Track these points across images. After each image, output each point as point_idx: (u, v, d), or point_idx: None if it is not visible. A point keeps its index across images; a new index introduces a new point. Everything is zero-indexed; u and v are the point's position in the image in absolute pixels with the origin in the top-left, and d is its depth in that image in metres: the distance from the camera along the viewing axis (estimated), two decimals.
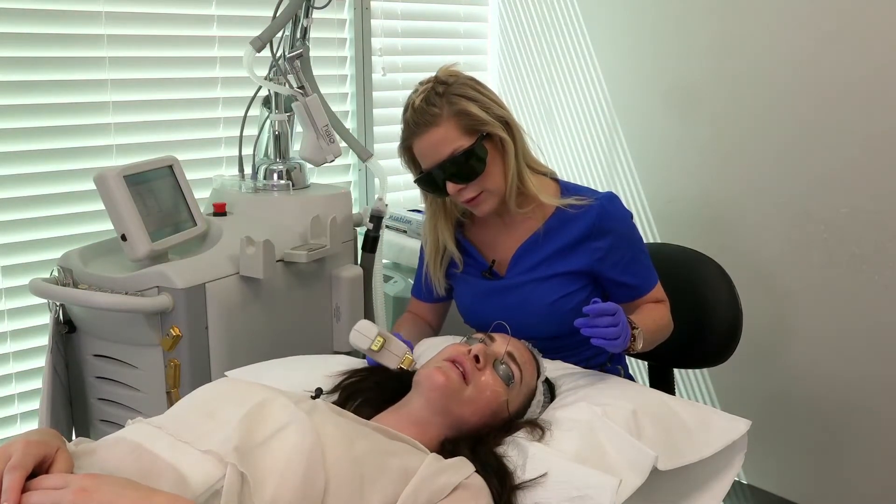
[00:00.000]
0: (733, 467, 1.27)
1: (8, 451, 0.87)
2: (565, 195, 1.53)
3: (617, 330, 1.30)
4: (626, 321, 1.34)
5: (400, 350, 1.33)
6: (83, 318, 1.67)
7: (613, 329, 1.30)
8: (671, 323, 1.56)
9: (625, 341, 1.33)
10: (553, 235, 1.53)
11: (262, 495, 0.92)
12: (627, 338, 1.34)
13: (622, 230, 1.53)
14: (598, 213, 1.50)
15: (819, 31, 1.99)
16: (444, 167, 1.44)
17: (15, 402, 1.99)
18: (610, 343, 1.30)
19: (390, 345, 1.33)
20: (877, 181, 1.94)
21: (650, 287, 1.55)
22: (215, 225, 1.78)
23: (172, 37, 2.13)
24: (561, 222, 1.52)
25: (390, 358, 1.33)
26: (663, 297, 1.58)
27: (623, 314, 1.33)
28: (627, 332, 1.34)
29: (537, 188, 1.50)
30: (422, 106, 1.43)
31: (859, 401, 2.04)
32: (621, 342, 1.32)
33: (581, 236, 1.51)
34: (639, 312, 1.50)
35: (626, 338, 1.34)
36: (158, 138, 2.13)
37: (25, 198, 1.94)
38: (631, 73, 2.45)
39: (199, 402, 1.12)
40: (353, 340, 1.34)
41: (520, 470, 1.12)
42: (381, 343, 1.32)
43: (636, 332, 1.38)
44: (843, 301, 2.04)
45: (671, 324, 1.56)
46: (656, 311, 1.53)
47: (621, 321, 1.31)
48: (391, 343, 1.34)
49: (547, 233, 1.53)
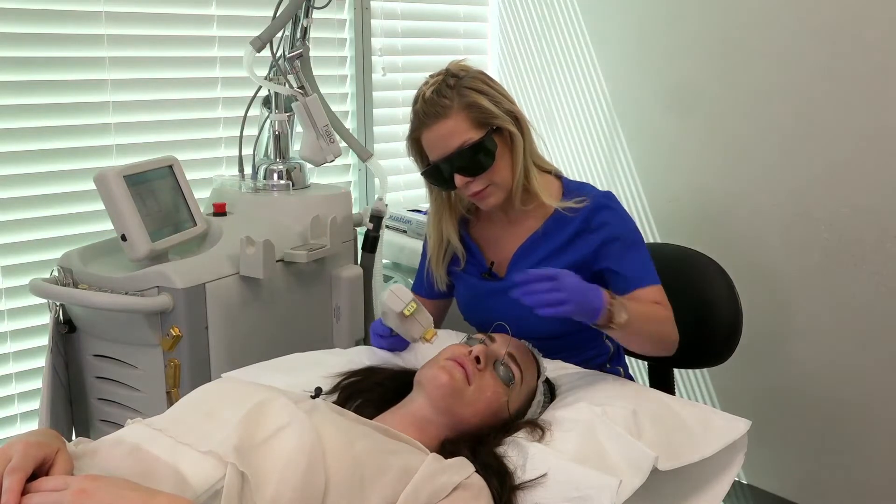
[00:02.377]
0: (733, 467, 1.27)
1: (8, 452, 0.87)
2: (567, 195, 1.53)
3: (562, 295, 1.23)
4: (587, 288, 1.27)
5: (426, 321, 1.33)
6: (83, 318, 1.67)
7: (557, 294, 1.23)
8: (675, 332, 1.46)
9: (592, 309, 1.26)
10: (551, 236, 1.53)
11: (263, 495, 0.92)
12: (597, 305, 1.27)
13: (615, 223, 1.50)
14: (591, 208, 1.50)
15: (819, 30, 1.99)
16: (453, 159, 1.43)
17: (15, 402, 1.98)
18: (559, 309, 1.22)
19: (420, 314, 1.33)
20: (877, 180, 1.94)
21: (646, 281, 1.48)
22: (215, 225, 1.78)
23: (172, 37, 2.12)
24: (558, 222, 1.52)
25: (415, 327, 1.31)
26: (665, 302, 1.49)
27: (573, 278, 1.26)
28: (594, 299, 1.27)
29: (541, 186, 1.50)
30: (432, 97, 1.43)
31: (859, 401, 2.04)
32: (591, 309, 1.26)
33: (575, 232, 1.50)
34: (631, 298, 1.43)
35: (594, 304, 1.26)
36: (158, 138, 2.13)
37: (25, 198, 1.94)
38: (631, 73, 2.45)
39: (199, 403, 1.12)
40: (387, 301, 1.32)
41: (520, 470, 1.12)
42: (413, 308, 1.32)
43: (615, 301, 1.30)
44: (843, 301, 2.03)
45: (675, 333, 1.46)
46: (652, 306, 1.45)
47: (567, 286, 1.24)
48: (421, 312, 1.33)
49: (545, 234, 1.53)
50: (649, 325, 1.40)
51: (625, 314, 1.31)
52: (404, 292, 1.33)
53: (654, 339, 1.43)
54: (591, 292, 1.28)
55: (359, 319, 1.91)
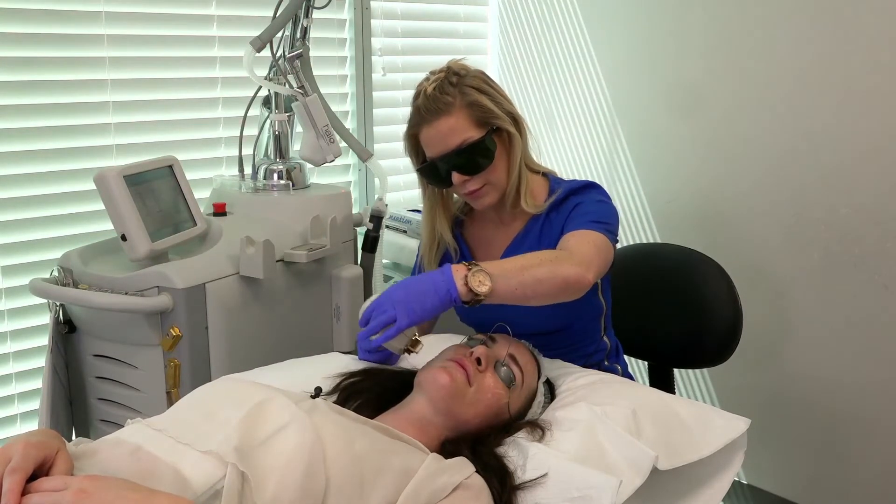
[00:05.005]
0: (733, 466, 1.27)
1: (8, 452, 0.87)
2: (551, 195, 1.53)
3: (387, 316, 1.19)
4: (418, 281, 1.21)
5: (411, 331, 1.29)
6: (83, 318, 1.66)
7: (382, 317, 1.20)
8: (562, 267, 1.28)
9: (438, 296, 1.19)
10: (530, 234, 1.53)
11: (263, 495, 0.92)
12: (441, 289, 1.19)
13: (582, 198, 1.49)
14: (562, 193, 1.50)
15: (819, 30, 1.99)
16: (452, 158, 1.43)
17: (15, 402, 1.99)
18: (393, 329, 1.19)
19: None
20: (877, 181, 1.94)
21: (572, 228, 1.42)
22: (215, 225, 1.78)
23: (172, 37, 2.13)
24: (536, 221, 1.53)
25: (400, 338, 1.28)
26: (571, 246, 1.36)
27: (397, 288, 1.21)
28: (431, 285, 1.19)
29: (527, 189, 1.51)
30: (434, 93, 1.43)
31: (859, 401, 2.04)
32: (436, 297, 1.19)
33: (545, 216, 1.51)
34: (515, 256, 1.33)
35: (437, 289, 1.19)
36: (158, 138, 2.13)
37: (25, 198, 1.94)
38: (631, 73, 2.45)
39: (199, 403, 1.11)
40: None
41: (520, 470, 1.12)
42: None
43: (470, 272, 1.20)
44: (843, 301, 2.03)
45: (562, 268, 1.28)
46: (538, 253, 1.34)
47: (390, 298, 1.20)
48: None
49: (526, 234, 1.54)
50: (529, 274, 1.26)
51: (487, 283, 1.21)
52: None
53: (533, 285, 1.26)
54: (423, 284, 1.21)
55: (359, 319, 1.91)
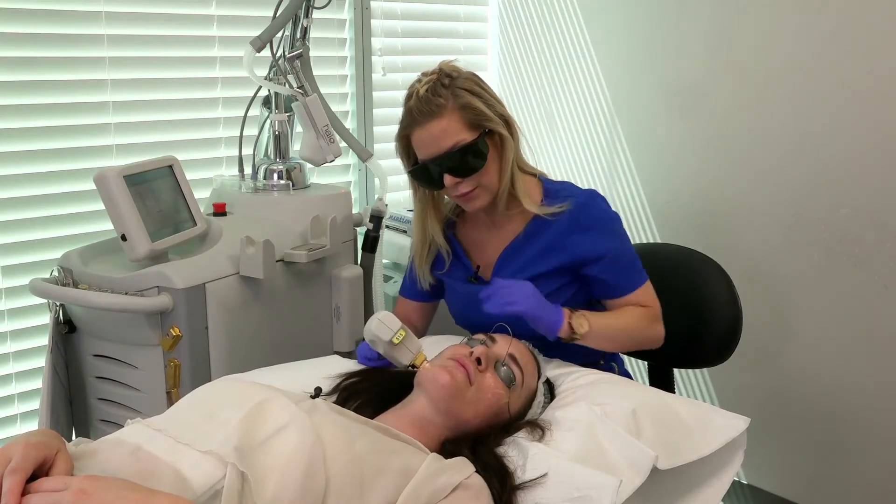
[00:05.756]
0: (733, 465, 1.27)
1: (8, 453, 0.87)
2: (548, 198, 1.53)
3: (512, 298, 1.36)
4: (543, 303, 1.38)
5: (415, 347, 1.28)
6: (83, 318, 1.67)
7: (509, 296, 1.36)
8: (653, 329, 1.52)
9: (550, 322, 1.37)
10: (533, 240, 1.53)
11: (263, 495, 0.92)
12: (555, 318, 1.37)
13: (602, 225, 1.51)
14: (575, 209, 1.49)
15: (819, 30, 1.99)
16: (444, 160, 1.43)
17: (15, 402, 1.99)
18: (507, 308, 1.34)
19: (409, 341, 1.28)
20: (877, 181, 1.94)
21: (632, 288, 1.51)
22: (215, 225, 1.78)
23: (172, 37, 2.13)
24: (540, 226, 1.52)
25: (404, 354, 1.27)
26: (649, 303, 1.53)
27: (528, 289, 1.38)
28: (551, 313, 1.37)
29: (524, 190, 1.50)
30: (427, 95, 1.42)
31: (859, 401, 2.04)
32: (549, 322, 1.37)
33: (560, 234, 1.50)
34: (612, 312, 1.50)
35: (553, 318, 1.37)
36: (158, 138, 2.13)
37: (25, 198, 1.94)
38: (631, 73, 2.45)
39: (199, 403, 1.12)
40: (374, 329, 1.27)
41: (520, 470, 1.12)
42: (402, 336, 1.27)
43: (574, 315, 1.39)
44: (843, 301, 2.03)
45: (653, 329, 1.52)
46: (630, 312, 1.50)
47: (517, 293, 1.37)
48: (410, 339, 1.28)
49: (527, 237, 1.53)
50: (617, 332, 1.47)
51: (586, 325, 1.39)
52: (392, 320, 1.28)
53: (626, 342, 1.52)
54: (547, 307, 1.38)
55: (359, 319, 1.91)
